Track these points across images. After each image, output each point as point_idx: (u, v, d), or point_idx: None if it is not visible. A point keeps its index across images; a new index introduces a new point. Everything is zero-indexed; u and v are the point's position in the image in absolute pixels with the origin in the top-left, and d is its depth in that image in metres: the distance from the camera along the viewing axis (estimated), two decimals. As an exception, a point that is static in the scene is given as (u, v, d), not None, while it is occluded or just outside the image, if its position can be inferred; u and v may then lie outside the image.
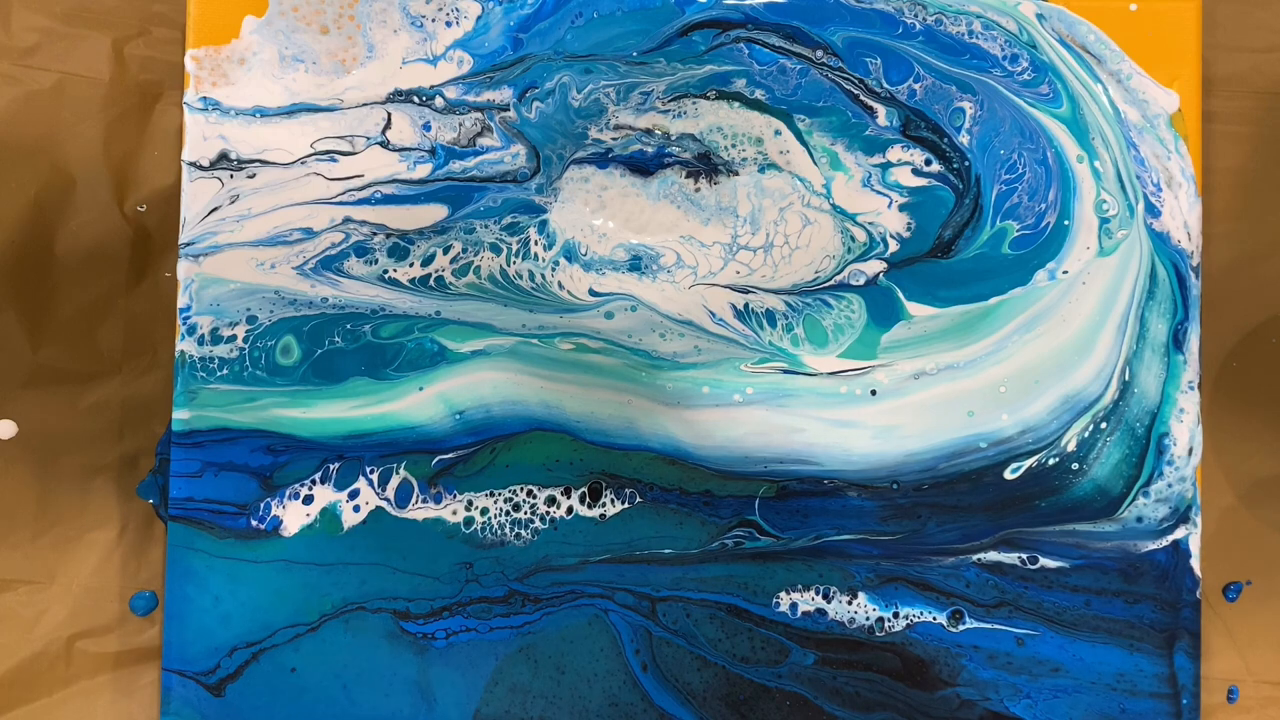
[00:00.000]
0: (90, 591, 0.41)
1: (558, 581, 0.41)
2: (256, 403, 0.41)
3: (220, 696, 0.41)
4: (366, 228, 0.42)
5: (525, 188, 0.42)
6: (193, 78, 0.42)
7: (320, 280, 0.42)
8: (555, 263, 0.42)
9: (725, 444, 0.42)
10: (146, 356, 0.42)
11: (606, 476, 0.42)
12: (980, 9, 0.43)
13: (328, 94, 0.42)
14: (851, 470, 0.42)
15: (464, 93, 0.42)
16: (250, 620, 0.41)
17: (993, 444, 0.42)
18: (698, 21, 0.42)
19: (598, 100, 0.42)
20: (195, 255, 0.41)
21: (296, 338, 0.41)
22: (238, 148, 0.42)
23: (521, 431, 0.42)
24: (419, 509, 0.41)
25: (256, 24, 0.42)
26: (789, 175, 0.42)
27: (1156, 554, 0.42)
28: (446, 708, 0.41)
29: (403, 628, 0.41)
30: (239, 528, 0.41)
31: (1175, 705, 0.42)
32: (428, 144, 0.42)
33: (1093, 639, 0.42)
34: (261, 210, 0.41)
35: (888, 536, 0.42)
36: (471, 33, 0.42)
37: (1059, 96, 0.43)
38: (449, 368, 0.42)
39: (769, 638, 0.42)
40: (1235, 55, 0.44)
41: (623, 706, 0.41)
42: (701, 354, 0.42)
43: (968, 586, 0.42)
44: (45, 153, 0.41)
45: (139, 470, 0.42)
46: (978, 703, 0.42)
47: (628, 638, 0.41)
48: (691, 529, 0.42)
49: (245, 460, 0.41)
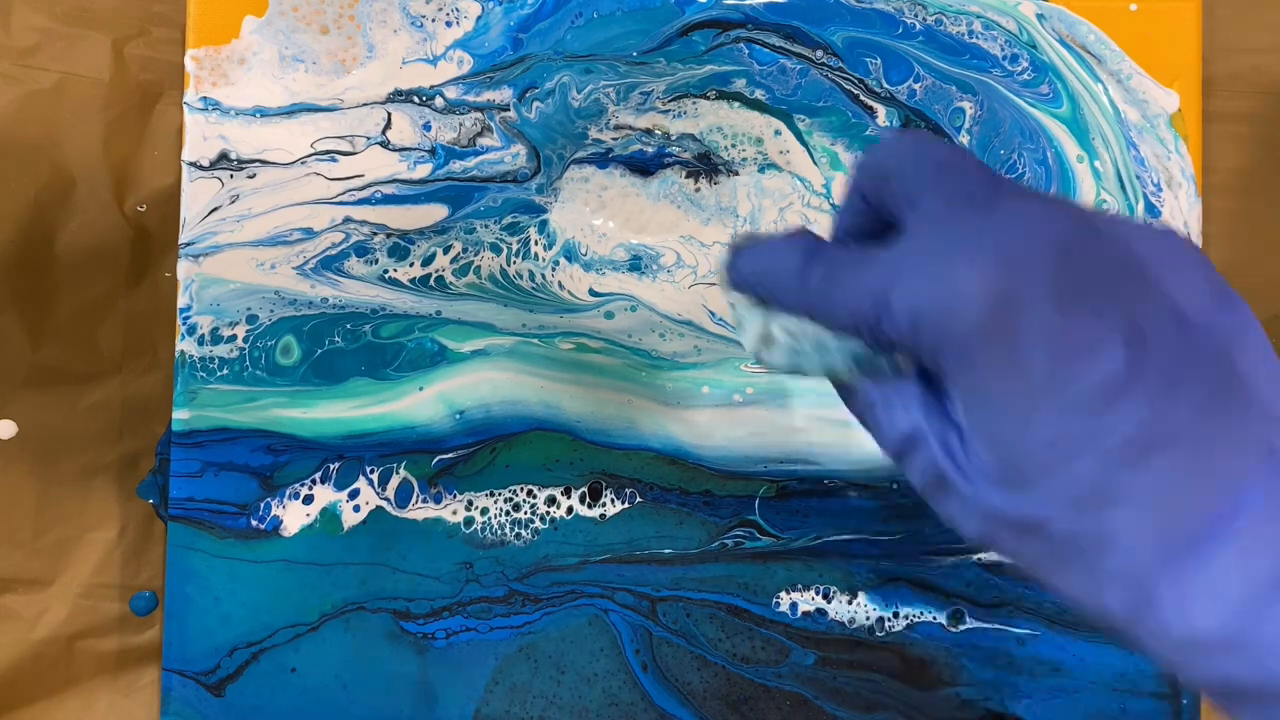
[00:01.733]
0: (90, 591, 0.41)
1: (558, 581, 0.41)
2: (256, 403, 0.41)
3: (220, 696, 0.41)
4: (367, 228, 0.42)
5: (525, 188, 0.42)
6: (193, 78, 0.42)
7: (320, 280, 0.42)
8: (555, 262, 0.42)
9: (725, 444, 0.42)
10: (146, 356, 0.42)
11: (606, 476, 0.42)
12: (980, 9, 0.43)
13: (328, 94, 0.42)
14: (851, 470, 0.42)
15: (464, 93, 0.42)
16: (250, 620, 0.41)
17: (993, 444, 0.42)
18: (698, 21, 0.42)
19: (598, 100, 0.42)
20: (195, 255, 0.41)
21: (296, 338, 0.41)
22: (238, 148, 0.42)
23: (521, 431, 0.42)
24: (419, 509, 0.41)
25: (256, 24, 0.42)
26: (789, 175, 0.42)
27: (1156, 554, 0.42)
28: (446, 708, 0.41)
29: (403, 628, 0.41)
30: (239, 528, 0.41)
31: (1175, 705, 0.42)
32: (428, 144, 0.42)
33: (1093, 639, 0.42)
34: (261, 210, 0.41)
35: (888, 536, 0.42)
36: (471, 33, 0.42)
37: (1059, 96, 0.43)
38: (449, 367, 0.42)
39: (769, 638, 0.42)
40: (1235, 55, 0.44)
41: (623, 706, 0.41)
42: (701, 354, 0.42)
43: (968, 586, 0.42)
44: (45, 153, 0.41)
45: (139, 470, 0.42)
46: (978, 703, 0.42)
47: (628, 638, 0.41)
48: (691, 529, 0.42)
49: (245, 460, 0.41)
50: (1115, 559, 0.23)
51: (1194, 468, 0.22)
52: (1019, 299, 0.23)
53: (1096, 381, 0.22)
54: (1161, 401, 0.22)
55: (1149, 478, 0.22)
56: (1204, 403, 0.22)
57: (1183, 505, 0.22)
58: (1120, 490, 0.22)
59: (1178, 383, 0.22)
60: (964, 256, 0.23)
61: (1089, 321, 0.23)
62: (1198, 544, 0.22)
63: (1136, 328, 0.23)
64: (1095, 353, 0.23)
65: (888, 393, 0.26)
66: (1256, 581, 0.21)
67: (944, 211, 0.25)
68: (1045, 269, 0.23)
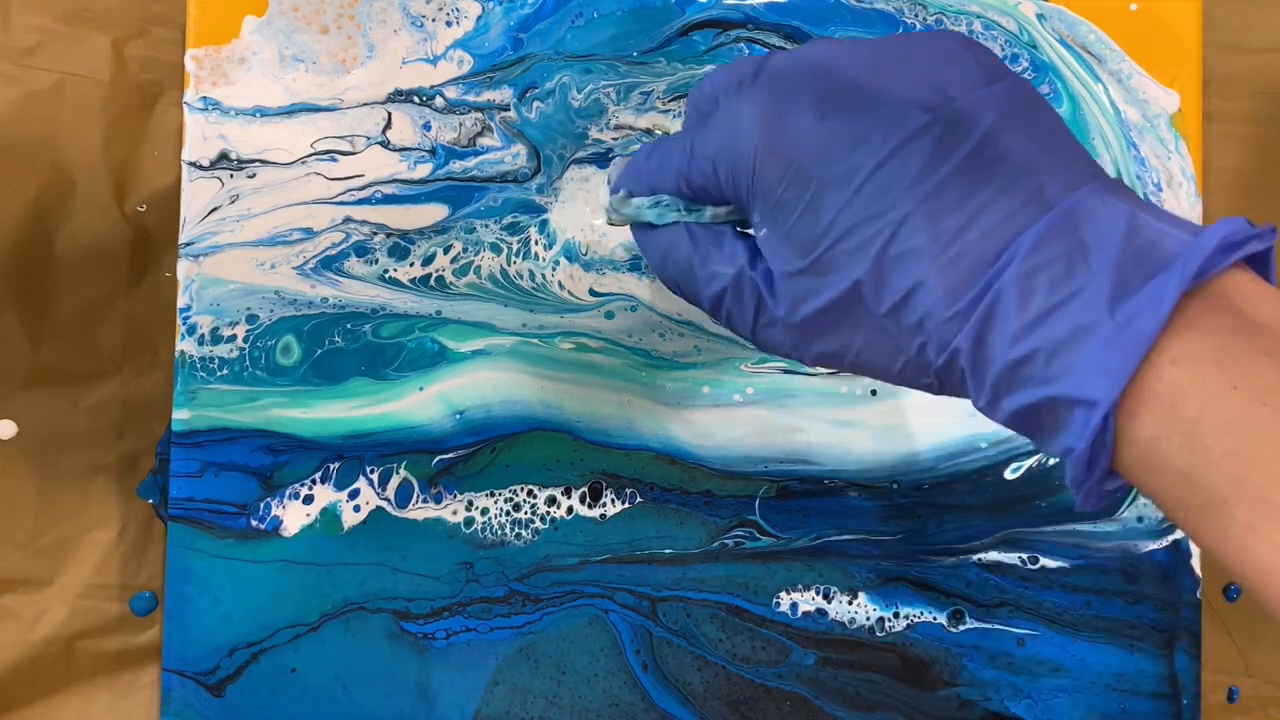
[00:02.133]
0: (90, 591, 0.41)
1: (558, 581, 0.41)
2: (256, 403, 0.41)
3: (220, 697, 0.40)
4: (367, 227, 0.42)
5: (526, 188, 0.42)
6: (193, 78, 0.42)
7: (320, 280, 0.41)
8: (556, 262, 0.42)
9: (725, 444, 0.42)
10: (146, 356, 0.42)
11: (607, 476, 0.42)
12: (980, 9, 0.43)
13: (328, 94, 0.42)
14: (851, 470, 0.42)
15: (464, 93, 0.42)
16: (250, 620, 0.41)
17: (993, 444, 0.42)
18: (698, 21, 0.42)
19: (598, 100, 0.42)
20: (195, 255, 0.41)
21: (296, 337, 0.41)
22: (238, 148, 0.42)
23: (522, 431, 0.42)
24: (419, 509, 0.41)
25: (256, 24, 0.42)
26: (789, 175, 0.42)
27: (1157, 554, 0.42)
28: (446, 708, 0.41)
29: (403, 628, 0.41)
30: (239, 528, 0.41)
31: (1175, 705, 0.42)
32: (428, 144, 0.42)
33: (1093, 639, 0.42)
34: (261, 210, 0.41)
35: (888, 536, 0.42)
36: (471, 33, 0.42)
37: (1059, 96, 0.43)
38: (449, 367, 0.42)
39: (769, 638, 0.42)
40: (1235, 55, 0.44)
41: (623, 707, 0.41)
42: (701, 354, 0.42)
43: (968, 586, 0.42)
44: (45, 153, 0.41)
45: (139, 470, 0.42)
46: (978, 703, 0.42)
47: (628, 638, 0.41)
48: (692, 529, 0.42)
49: (245, 460, 0.41)
50: (915, 312, 0.26)
51: (967, 224, 0.25)
52: (783, 114, 0.28)
53: (868, 169, 0.26)
54: (928, 179, 0.26)
55: (928, 238, 0.26)
56: (969, 167, 0.26)
57: (963, 257, 0.25)
58: (907, 254, 0.26)
59: (944, 157, 0.26)
60: (741, 101, 0.29)
61: (850, 121, 0.27)
62: (983, 287, 0.25)
63: (897, 119, 0.26)
64: (860, 146, 0.26)
65: (705, 249, 0.31)
66: (1038, 309, 0.24)
67: (727, 95, 0.30)
68: (807, 91, 0.28)
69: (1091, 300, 0.24)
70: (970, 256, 0.25)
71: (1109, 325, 0.23)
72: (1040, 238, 0.25)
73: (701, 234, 0.31)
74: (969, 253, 0.25)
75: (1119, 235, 0.24)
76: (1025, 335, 0.24)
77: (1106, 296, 0.24)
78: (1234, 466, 0.22)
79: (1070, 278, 0.24)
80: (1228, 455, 0.22)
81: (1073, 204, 0.25)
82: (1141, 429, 0.24)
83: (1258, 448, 0.22)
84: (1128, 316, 0.23)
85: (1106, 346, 0.23)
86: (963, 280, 0.25)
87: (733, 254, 0.30)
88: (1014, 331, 0.24)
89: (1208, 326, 0.23)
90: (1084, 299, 0.24)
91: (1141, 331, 0.23)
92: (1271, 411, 0.22)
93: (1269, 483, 0.22)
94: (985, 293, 0.25)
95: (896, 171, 0.26)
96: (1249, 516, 0.22)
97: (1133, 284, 0.24)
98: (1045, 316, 0.24)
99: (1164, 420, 0.23)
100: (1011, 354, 0.25)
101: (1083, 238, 0.25)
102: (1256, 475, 0.22)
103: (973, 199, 0.25)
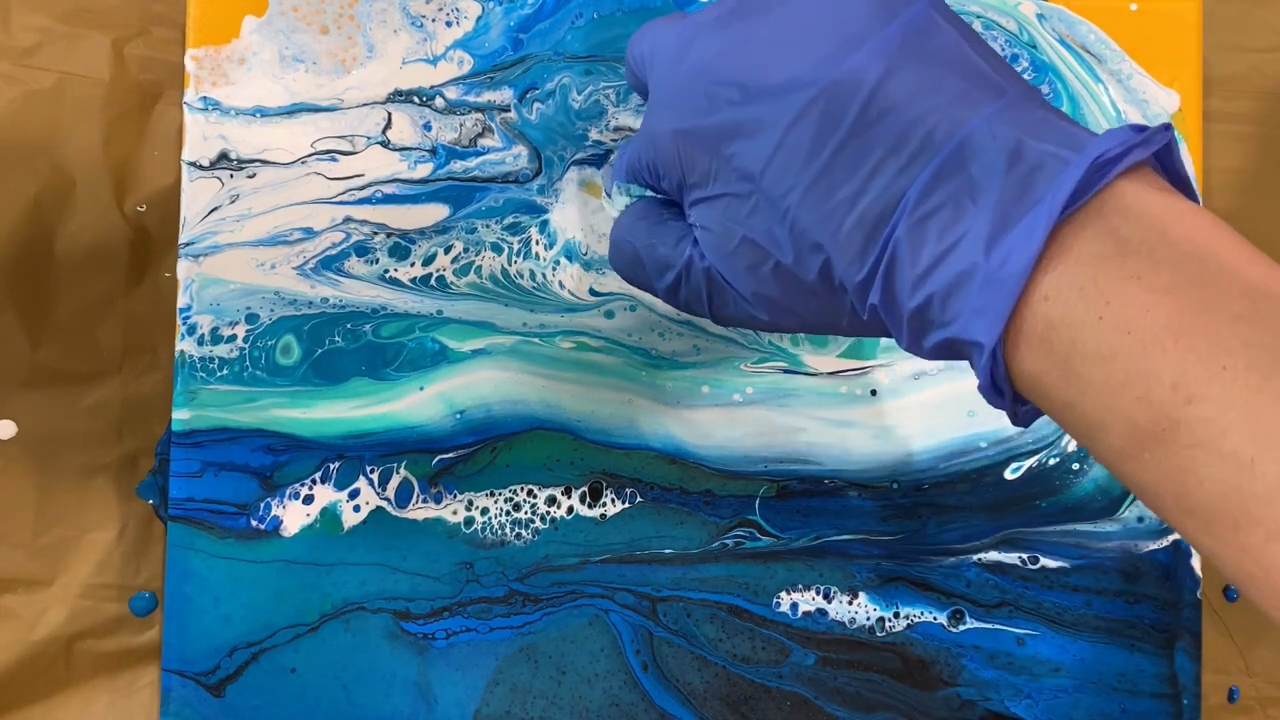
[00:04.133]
0: (90, 592, 0.41)
1: (558, 581, 0.41)
2: (256, 403, 0.41)
3: (220, 697, 0.40)
4: (367, 227, 0.42)
5: (527, 189, 0.42)
6: (193, 78, 0.42)
7: (321, 280, 0.41)
8: (556, 262, 0.42)
9: (725, 444, 0.42)
10: (146, 356, 0.42)
11: (607, 476, 0.42)
12: (980, 9, 0.43)
13: (328, 94, 0.42)
14: (851, 470, 0.42)
15: (464, 93, 0.42)
16: (250, 620, 0.41)
17: (993, 444, 0.42)
18: (698, 21, 0.42)
19: (598, 101, 0.42)
20: (195, 255, 0.41)
21: (297, 337, 0.41)
22: (238, 148, 0.42)
23: (522, 431, 0.42)
24: (419, 509, 0.41)
25: (256, 24, 0.42)
26: (789, 175, 0.42)
27: (1157, 554, 0.42)
28: (446, 708, 0.41)
29: (403, 628, 0.41)
30: (239, 528, 0.41)
31: (1176, 705, 0.42)
32: (429, 144, 0.42)
33: (1093, 639, 0.42)
34: (262, 210, 0.41)
35: (888, 536, 0.42)
36: (472, 33, 0.42)
37: (1059, 96, 0.43)
38: (450, 367, 0.42)
39: (769, 638, 0.42)
40: (1235, 55, 0.44)
41: (623, 707, 0.41)
42: (701, 353, 0.42)
43: (968, 586, 0.42)
44: (45, 153, 0.41)
45: (139, 470, 0.42)
46: (978, 703, 0.42)
47: (628, 638, 0.41)
48: (692, 529, 0.42)
49: (245, 460, 0.41)
50: (834, 280, 0.27)
51: (861, 189, 0.26)
52: (682, 116, 0.29)
53: (763, 162, 0.27)
54: (816, 158, 0.26)
55: (823, 214, 0.26)
56: (856, 131, 0.26)
57: (862, 222, 0.26)
58: (807, 232, 0.27)
59: (832, 129, 0.26)
60: (650, 107, 0.31)
61: (738, 120, 0.28)
62: (881, 246, 0.26)
63: (782, 104, 0.27)
64: (754, 138, 0.27)
65: (651, 240, 0.32)
66: (928, 259, 0.25)
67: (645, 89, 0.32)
68: (703, 94, 0.29)
69: (973, 243, 0.24)
70: (868, 221, 0.26)
71: (984, 268, 0.24)
72: (926, 187, 0.25)
73: (647, 227, 0.33)
74: (866, 218, 0.26)
75: (1002, 168, 0.24)
76: (920, 285, 0.25)
77: (984, 237, 0.24)
78: (1105, 395, 0.23)
79: (958, 221, 0.25)
80: (1097, 386, 0.23)
81: (959, 142, 0.25)
82: (1024, 364, 0.24)
83: (1124, 376, 0.23)
84: (1002, 256, 0.24)
85: (982, 289, 0.24)
86: (864, 245, 0.26)
87: (680, 242, 0.32)
88: (910, 283, 0.25)
89: (1081, 256, 0.23)
90: (967, 242, 0.24)
91: (1014, 271, 0.23)
92: (1135, 339, 0.22)
93: (1137, 408, 0.23)
94: (884, 252, 0.26)
95: (787, 158, 0.27)
96: (1121, 443, 0.23)
97: (1011, 219, 0.24)
98: (935, 265, 0.25)
99: (1042, 355, 0.24)
100: (911, 304, 0.26)
101: (972, 175, 0.25)
102: (1125, 402, 0.23)
103: (864, 163, 0.26)
